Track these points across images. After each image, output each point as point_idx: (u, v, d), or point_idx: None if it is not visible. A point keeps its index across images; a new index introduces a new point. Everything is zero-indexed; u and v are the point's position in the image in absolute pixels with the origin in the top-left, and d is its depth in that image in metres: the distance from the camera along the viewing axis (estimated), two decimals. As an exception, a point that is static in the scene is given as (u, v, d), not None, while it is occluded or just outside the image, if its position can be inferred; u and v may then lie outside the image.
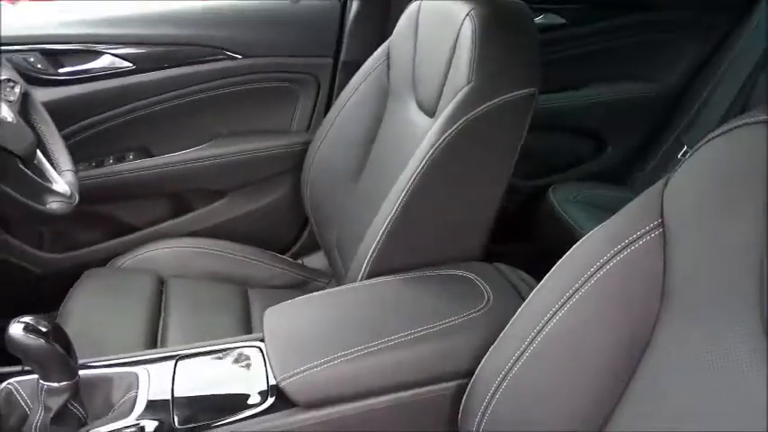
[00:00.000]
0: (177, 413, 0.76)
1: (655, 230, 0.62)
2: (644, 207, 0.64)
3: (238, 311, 1.24)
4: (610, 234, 0.66)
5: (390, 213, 0.96)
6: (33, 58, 1.32)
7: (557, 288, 0.68)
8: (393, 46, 1.27)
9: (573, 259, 0.70)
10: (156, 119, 1.43)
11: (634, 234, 0.63)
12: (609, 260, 0.65)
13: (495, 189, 0.98)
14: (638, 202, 0.65)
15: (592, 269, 0.66)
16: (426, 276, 0.92)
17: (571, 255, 0.70)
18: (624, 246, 0.64)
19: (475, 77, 0.93)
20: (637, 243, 0.63)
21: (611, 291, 0.65)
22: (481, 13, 0.96)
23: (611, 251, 0.65)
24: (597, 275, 0.65)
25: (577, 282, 0.66)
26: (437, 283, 0.91)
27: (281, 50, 1.46)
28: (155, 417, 0.76)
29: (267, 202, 1.52)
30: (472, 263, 0.96)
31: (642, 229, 0.63)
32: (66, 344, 0.74)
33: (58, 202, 1.02)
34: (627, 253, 0.64)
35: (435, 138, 0.95)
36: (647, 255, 0.63)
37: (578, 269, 0.67)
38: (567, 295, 0.67)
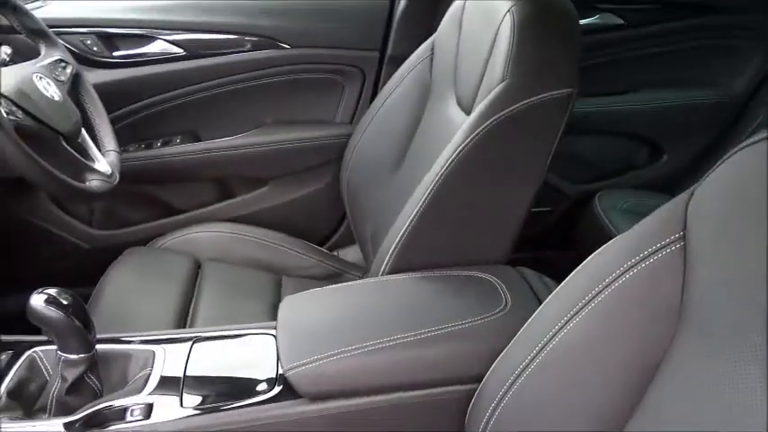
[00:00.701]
0: (186, 393, 0.77)
1: (676, 243, 0.59)
2: (666, 218, 0.61)
3: (269, 299, 1.25)
4: (629, 244, 0.63)
5: (415, 210, 0.95)
6: (90, 40, 1.36)
7: (570, 296, 0.65)
8: (437, 42, 1.25)
9: (589, 268, 0.67)
10: (204, 105, 1.46)
11: (654, 245, 0.60)
12: (626, 271, 0.61)
13: (524, 192, 0.95)
14: (661, 212, 0.62)
15: (607, 279, 0.63)
16: (446, 276, 0.90)
17: (588, 263, 0.67)
18: (643, 257, 0.60)
19: (510, 75, 0.91)
20: (656, 255, 0.60)
21: (625, 303, 0.62)
22: (522, 9, 0.93)
23: (628, 262, 0.61)
24: (613, 286, 0.62)
25: (592, 291, 0.63)
26: (456, 283, 0.89)
27: (329, 42, 1.46)
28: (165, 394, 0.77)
29: (307, 192, 1.53)
30: (495, 266, 0.93)
31: (663, 241, 0.59)
32: (85, 318, 0.76)
33: (99, 181, 1.05)
34: (645, 265, 0.60)
35: (465, 135, 0.93)
36: (667, 268, 0.59)
37: (594, 278, 0.64)
38: (581, 305, 0.64)
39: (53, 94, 1.03)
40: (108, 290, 1.17)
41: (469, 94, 1.06)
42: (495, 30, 0.98)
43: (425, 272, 0.92)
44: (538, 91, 0.89)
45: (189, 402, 0.76)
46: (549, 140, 0.95)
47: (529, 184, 0.96)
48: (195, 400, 0.76)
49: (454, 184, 0.94)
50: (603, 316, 0.62)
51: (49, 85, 1.03)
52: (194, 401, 0.76)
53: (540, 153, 0.95)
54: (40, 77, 1.02)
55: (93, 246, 1.47)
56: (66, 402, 0.77)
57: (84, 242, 1.47)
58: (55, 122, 1.00)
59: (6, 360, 0.82)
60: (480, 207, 0.95)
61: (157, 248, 1.36)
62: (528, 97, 0.89)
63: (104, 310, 1.11)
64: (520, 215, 0.96)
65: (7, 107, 0.91)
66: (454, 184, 0.94)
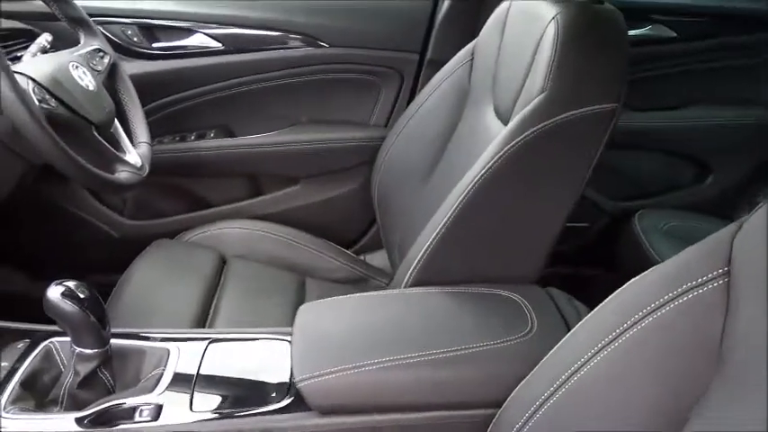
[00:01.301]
0: (197, 396, 0.76)
1: (719, 279, 0.54)
2: (710, 251, 0.56)
3: (292, 301, 1.23)
4: (668, 275, 0.59)
5: (443, 221, 0.91)
6: (131, 31, 1.37)
7: (601, 326, 0.61)
8: (478, 46, 1.22)
9: (623, 297, 0.63)
10: (240, 100, 1.46)
11: (695, 280, 0.56)
12: (662, 305, 0.57)
13: (558, 209, 0.91)
14: (705, 244, 0.57)
15: (642, 312, 0.59)
16: (471, 293, 0.86)
17: (622, 292, 0.63)
18: (682, 292, 0.56)
19: (550, 86, 0.87)
20: (696, 291, 0.55)
21: (660, 339, 0.57)
22: (567, 17, 0.89)
23: (666, 295, 0.57)
24: (647, 320, 0.58)
25: (624, 323, 0.59)
26: (480, 302, 0.85)
27: (368, 42, 1.44)
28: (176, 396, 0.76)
29: (338, 194, 1.51)
30: (523, 285, 0.89)
31: (705, 276, 0.55)
32: (101, 313, 0.75)
33: (128, 173, 1.05)
34: (683, 300, 0.56)
35: (500, 146, 0.89)
36: (707, 306, 0.55)
37: (628, 309, 0.60)
38: (611, 337, 0.60)
39: (88, 83, 1.03)
40: (132, 281, 1.17)
41: (508, 104, 1.02)
42: (539, 37, 0.94)
43: (450, 286, 0.88)
44: (579, 105, 0.85)
45: (199, 406, 0.75)
46: (589, 156, 0.90)
47: (564, 200, 0.92)
48: (205, 404, 0.75)
49: (486, 196, 0.91)
50: (635, 351, 0.58)
51: (85, 74, 1.03)
52: (204, 405, 0.75)
53: (578, 169, 0.91)
54: (75, 66, 1.02)
55: (123, 235, 1.48)
56: (77, 396, 0.76)
57: (115, 231, 1.48)
58: (87, 112, 0.99)
59: (23, 349, 0.82)
60: (512, 222, 0.92)
61: (184, 242, 1.35)
62: (568, 111, 0.85)
63: (127, 302, 1.11)
64: (553, 233, 0.92)
65: (40, 95, 0.91)
66: (486, 196, 0.91)
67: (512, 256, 0.93)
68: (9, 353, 0.82)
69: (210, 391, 0.77)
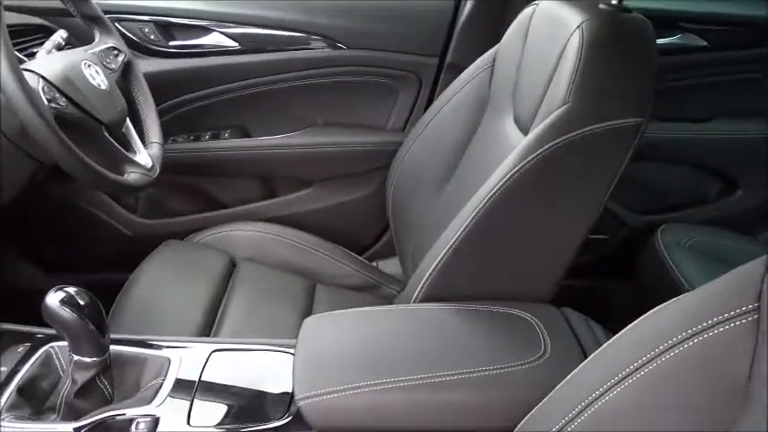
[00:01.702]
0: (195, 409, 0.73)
1: (747, 316, 0.51)
2: (739, 285, 0.53)
3: (301, 306, 1.21)
4: (692, 308, 0.55)
5: (457, 234, 0.88)
6: (148, 28, 1.36)
7: (618, 359, 0.58)
8: (500, 52, 1.18)
9: (644, 328, 0.59)
10: (255, 100, 1.44)
11: (722, 315, 0.52)
12: (686, 339, 0.54)
13: (576, 227, 0.87)
14: (733, 276, 0.54)
15: (663, 345, 0.55)
16: (482, 311, 0.83)
17: (643, 323, 0.59)
18: (707, 327, 0.52)
19: (572, 98, 0.83)
20: (723, 326, 0.52)
21: (682, 375, 0.54)
22: (594, 25, 0.85)
23: (690, 329, 0.54)
24: (669, 354, 0.55)
25: (645, 355, 0.56)
26: (492, 321, 0.82)
27: (387, 45, 1.41)
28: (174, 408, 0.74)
29: (352, 198, 1.48)
30: (537, 305, 0.85)
31: (732, 312, 0.51)
32: (100, 321, 0.73)
33: (137, 174, 1.03)
34: (709, 335, 0.52)
35: (518, 158, 0.86)
36: (734, 343, 0.51)
37: (649, 342, 0.56)
38: (629, 370, 0.56)
39: (100, 82, 1.01)
40: (140, 283, 1.15)
41: (528, 113, 0.99)
42: (563, 46, 0.91)
43: (461, 303, 0.85)
44: (602, 118, 0.81)
45: (197, 420, 0.72)
46: (611, 171, 0.86)
47: (583, 217, 0.88)
48: (203, 418, 0.73)
49: (502, 209, 0.87)
50: (655, 386, 0.55)
51: (97, 73, 1.02)
52: (202, 420, 0.72)
53: (599, 184, 0.87)
54: (88, 65, 1.00)
55: (135, 233, 1.47)
56: (74, 405, 0.74)
57: (128, 229, 1.47)
58: (98, 112, 0.98)
59: (23, 353, 0.81)
60: (528, 238, 0.88)
61: (194, 243, 1.34)
62: (590, 124, 0.81)
63: (133, 304, 1.09)
64: (570, 251, 0.88)
65: (50, 94, 0.90)
66: (502, 209, 0.87)
67: (526, 273, 0.89)
68: (9, 356, 0.80)
69: (209, 404, 0.75)
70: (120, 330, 1.01)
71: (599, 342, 0.79)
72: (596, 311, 1.58)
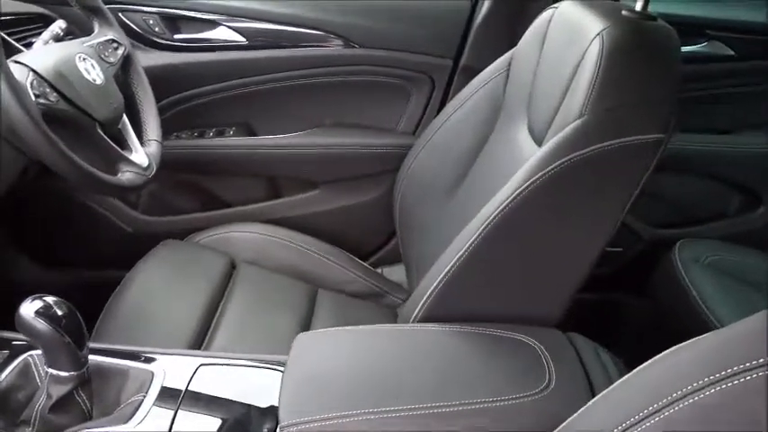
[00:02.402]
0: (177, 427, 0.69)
1: (767, 368, 0.45)
2: (763, 329, 0.47)
3: (301, 313, 1.17)
4: (710, 354, 0.50)
5: (463, 249, 0.83)
6: (153, 20, 1.31)
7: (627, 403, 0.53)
8: (516, 56, 1.13)
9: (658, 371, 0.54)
10: (262, 98, 1.39)
11: (743, 364, 0.47)
12: (702, 389, 0.48)
13: (589, 247, 0.82)
14: (757, 320, 0.48)
15: (678, 393, 0.50)
16: (484, 335, 0.78)
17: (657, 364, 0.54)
18: (726, 376, 0.47)
19: (589, 111, 0.78)
20: (744, 376, 0.47)
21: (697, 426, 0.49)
22: (615, 34, 0.80)
23: (706, 378, 0.48)
24: (683, 403, 0.49)
25: (655, 403, 0.51)
26: (494, 347, 0.77)
27: (400, 45, 1.36)
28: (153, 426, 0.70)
29: (358, 202, 1.44)
30: (543, 329, 0.80)
31: (755, 361, 0.46)
32: (78, 333, 0.70)
33: (132, 173, 0.99)
34: (728, 386, 0.47)
35: (530, 172, 0.81)
36: (756, 394, 0.46)
37: (661, 389, 0.51)
38: (637, 418, 0.51)
39: (95, 77, 0.97)
40: (133, 285, 1.11)
41: (543, 124, 0.94)
42: (581, 54, 0.85)
43: (463, 325, 0.80)
44: (620, 134, 0.76)
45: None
46: (628, 190, 0.81)
47: (597, 236, 0.83)
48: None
49: (511, 226, 0.82)
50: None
51: (93, 67, 0.98)
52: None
53: (614, 203, 0.82)
54: (83, 58, 0.96)
55: (136, 230, 1.43)
56: (49, 420, 0.71)
57: (129, 226, 1.43)
58: (92, 108, 0.94)
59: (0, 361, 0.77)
60: (537, 257, 0.83)
61: (194, 243, 1.30)
62: (607, 140, 0.76)
63: (124, 309, 1.06)
64: (580, 272, 0.83)
65: (39, 89, 0.86)
66: (511, 226, 0.82)
67: (533, 294, 0.84)
68: (-15, 364, 0.77)
69: (192, 422, 0.71)
70: (108, 337, 0.98)
71: (608, 373, 0.74)
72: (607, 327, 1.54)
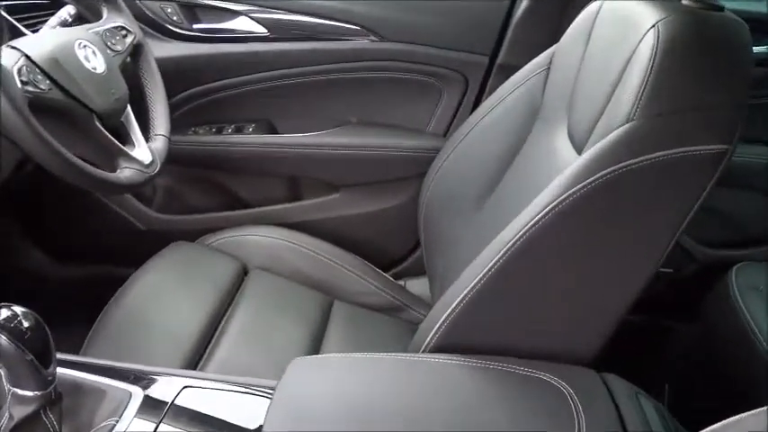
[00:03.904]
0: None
1: None
2: None
3: (313, 326, 1.08)
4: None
5: (486, 269, 0.73)
6: (171, 8, 1.25)
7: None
8: (558, 53, 1.02)
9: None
10: (284, 94, 1.32)
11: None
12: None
13: (633, 275, 0.71)
14: None
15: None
16: (504, 372, 0.67)
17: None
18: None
19: (639, 115, 0.66)
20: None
21: None
22: (673, 26, 0.68)
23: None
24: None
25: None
26: (516, 388, 0.66)
27: (432, 40, 1.26)
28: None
29: (382, 207, 1.34)
30: (574, 368, 0.69)
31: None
32: (44, 349, 0.62)
33: (132, 170, 0.92)
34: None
35: (566, 185, 0.70)
36: None
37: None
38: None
39: (96, 65, 0.90)
40: (135, 288, 1.04)
41: (584, 128, 0.83)
42: (632, 49, 0.74)
43: (480, 358, 0.69)
44: (675, 143, 0.65)
45: (145, 479, 0.60)
46: (683, 209, 0.69)
47: (645, 261, 0.71)
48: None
49: (543, 244, 0.72)
50: None
51: (94, 54, 0.91)
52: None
53: (666, 223, 0.70)
54: (83, 45, 0.89)
55: (149, 228, 1.37)
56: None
57: (142, 223, 1.37)
58: (89, 98, 0.87)
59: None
60: (573, 283, 0.72)
61: (205, 246, 1.22)
62: (659, 150, 0.65)
63: (122, 314, 0.99)
64: (623, 302, 0.72)
65: (29, 75, 0.79)
66: (543, 244, 0.72)
67: (566, 327, 0.73)
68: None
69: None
70: (98, 347, 0.91)
71: (648, 425, 0.62)
72: (652, 353, 1.41)
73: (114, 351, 0.90)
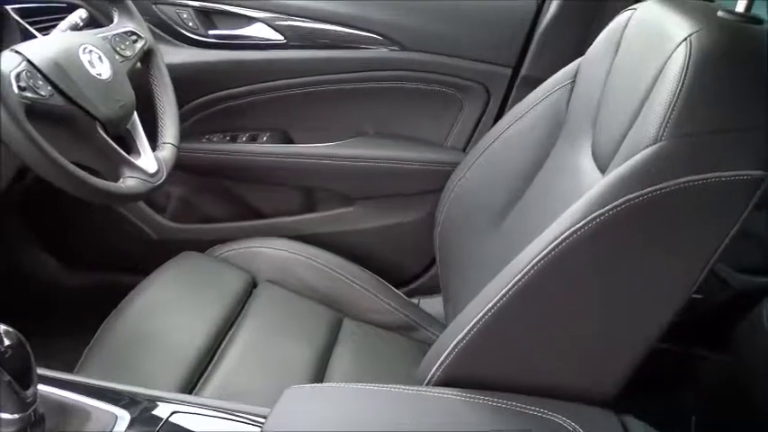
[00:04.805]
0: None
1: None
2: None
3: (320, 344, 1.04)
4: None
5: (499, 296, 0.68)
6: (186, 14, 1.23)
7: None
8: (584, 65, 0.97)
9: None
10: (300, 102, 1.28)
11: None
12: None
13: (662, 306, 0.65)
14: None
15: None
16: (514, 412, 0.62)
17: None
18: None
19: (667, 135, 0.61)
20: None
21: None
22: (707, 39, 0.63)
23: None
24: None
25: None
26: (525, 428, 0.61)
27: (453, 49, 1.22)
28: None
29: (397, 222, 1.30)
30: (592, 410, 0.64)
31: None
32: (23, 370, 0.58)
33: (136, 180, 0.89)
34: None
35: (587, 210, 0.65)
36: None
37: None
38: None
39: (101, 71, 0.87)
40: (139, 301, 1.01)
41: (609, 146, 0.77)
42: (662, 63, 0.68)
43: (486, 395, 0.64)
44: (706, 167, 0.59)
45: None
46: (717, 237, 0.64)
47: (669, 294, 0.66)
48: None
49: (561, 272, 0.66)
50: None
51: (100, 60, 0.88)
52: None
53: (696, 253, 0.64)
54: (88, 50, 0.87)
55: (161, 237, 1.35)
56: (-13, 468, 0.60)
57: (154, 232, 1.35)
58: (92, 105, 0.84)
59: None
60: (593, 314, 0.66)
61: (214, 257, 1.19)
62: (688, 174, 0.59)
63: (123, 328, 0.96)
64: (649, 336, 0.66)
65: (29, 81, 0.76)
66: (561, 272, 0.66)
67: (585, 362, 0.68)
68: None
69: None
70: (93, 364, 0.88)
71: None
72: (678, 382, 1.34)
73: (110, 368, 0.87)
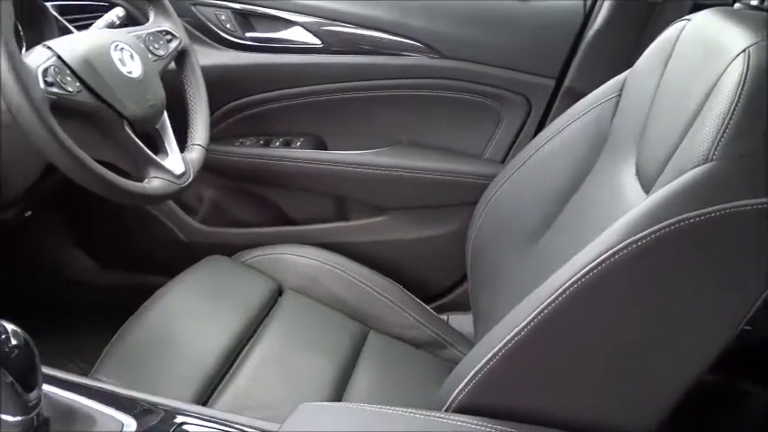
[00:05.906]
0: None
1: None
2: None
3: (343, 358, 1.01)
4: None
5: (526, 320, 0.63)
6: (225, 15, 1.22)
7: None
8: (631, 79, 0.91)
9: None
10: (335, 108, 1.26)
11: None
12: None
13: (708, 337, 0.60)
14: None
15: None
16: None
17: None
18: None
19: (719, 155, 0.56)
20: None
21: None
22: (766, 52, 0.58)
23: None
24: None
25: None
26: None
27: (494, 59, 1.18)
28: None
29: (430, 235, 1.26)
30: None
31: None
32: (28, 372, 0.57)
33: (161, 180, 0.87)
34: None
35: (628, 232, 0.60)
36: None
37: None
38: None
39: (132, 69, 0.87)
40: (162, 303, 1.00)
41: (654, 165, 0.72)
42: (716, 77, 0.63)
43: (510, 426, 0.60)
44: (762, 191, 0.54)
45: None
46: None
47: (722, 326, 0.60)
48: None
49: (597, 298, 0.62)
50: None
51: (131, 58, 0.87)
52: None
53: (749, 283, 0.59)
54: (120, 48, 0.86)
55: (192, 240, 1.34)
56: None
57: (185, 234, 1.35)
58: (121, 103, 0.83)
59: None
60: (630, 345, 0.61)
61: (240, 263, 1.17)
62: (743, 198, 0.54)
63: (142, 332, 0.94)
64: (690, 372, 0.61)
65: (56, 76, 0.76)
66: (597, 298, 0.62)
67: (620, 396, 0.62)
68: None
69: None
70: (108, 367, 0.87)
71: None
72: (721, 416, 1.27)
73: (125, 372, 0.86)
